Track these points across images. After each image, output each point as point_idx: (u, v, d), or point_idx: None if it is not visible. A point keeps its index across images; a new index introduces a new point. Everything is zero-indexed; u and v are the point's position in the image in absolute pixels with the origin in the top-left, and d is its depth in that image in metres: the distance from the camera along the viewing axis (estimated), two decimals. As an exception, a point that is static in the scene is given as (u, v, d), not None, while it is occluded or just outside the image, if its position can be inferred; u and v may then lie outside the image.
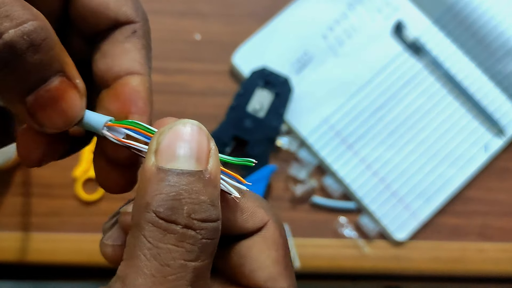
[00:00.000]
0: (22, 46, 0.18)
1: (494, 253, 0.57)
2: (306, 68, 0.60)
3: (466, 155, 0.59)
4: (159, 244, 0.18)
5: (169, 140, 0.20)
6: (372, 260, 0.56)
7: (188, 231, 0.19)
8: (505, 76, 0.61)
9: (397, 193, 0.57)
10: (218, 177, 0.20)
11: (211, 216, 0.19)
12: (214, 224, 0.19)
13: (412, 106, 0.60)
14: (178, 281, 0.18)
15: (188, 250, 0.18)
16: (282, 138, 0.58)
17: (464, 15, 0.62)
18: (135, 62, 0.23)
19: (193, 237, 0.19)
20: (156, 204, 0.19)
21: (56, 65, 0.19)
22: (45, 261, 0.54)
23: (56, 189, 0.55)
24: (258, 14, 0.62)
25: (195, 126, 0.20)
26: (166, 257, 0.18)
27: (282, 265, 0.23)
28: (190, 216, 0.19)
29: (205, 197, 0.19)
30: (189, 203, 0.19)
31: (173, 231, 0.18)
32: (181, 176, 0.19)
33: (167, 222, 0.18)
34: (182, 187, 0.19)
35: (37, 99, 0.19)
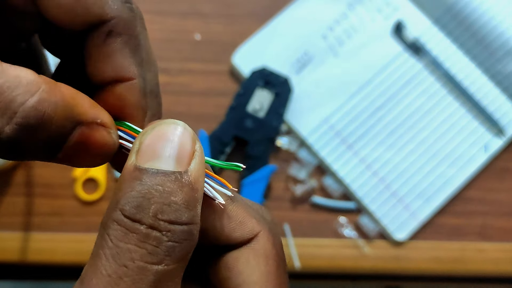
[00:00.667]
0: (37, 121, 0.18)
1: (494, 253, 0.57)
2: (306, 68, 0.60)
3: (466, 155, 0.59)
4: (120, 244, 0.17)
5: (151, 139, 0.19)
6: (372, 260, 0.56)
7: (152, 232, 0.18)
8: (505, 76, 0.61)
9: (397, 193, 0.57)
10: (200, 180, 0.19)
11: (180, 218, 0.18)
12: (185, 228, 0.18)
13: (412, 106, 0.60)
14: (134, 284, 0.17)
15: (150, 252, 0.17)
16: (282, 138, 0.58)
17: (464, 15, 0.62)
18: (118, 68, 0.21)
19: (157, 239, 0.18)
20: (123, 202, 0.18)
21: (71, 120, 0.19)
22: (45, 261, 0.54)
23: (56, 189, 0.55)
24: (258, 14, 0.62)
25: (179, 127, 0.19)
26: (125, 258, 0.17)
27: (274, 278, 0.21)
28: (157, 216, 0.18)
29: (178, 199, 0.18)
30: (157, 203, 0.18)
31: (136, 231, 0.18)
32: (155, 176, 0.18)
33: (131, 221, 0.18)
34: (155, 186, 0.18)
35: (66, 153, 0.19)
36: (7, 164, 0.54)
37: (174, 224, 0.18)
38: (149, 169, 0.18)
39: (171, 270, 0.18)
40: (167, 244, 0.18)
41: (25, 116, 0.17)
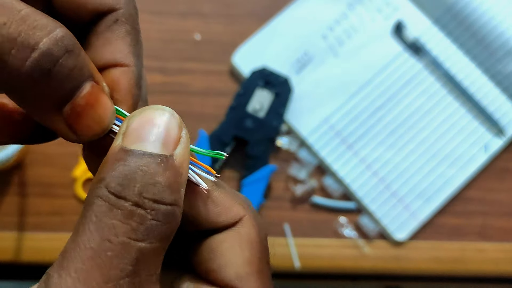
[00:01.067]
0: (59, 53, 0.18)
1: (494, 253, 0.57)
2: (306, 68, 0.60)
3: (466, 155, 0.59)
4: (104, 219, 0.18)
5: (138, 123, 0.19)
6: (372, 260, 0.56)
7: (137, 209, 0.18)
8: (505, 76, 0.61)
9: (397, 193, 0.57)
10: (184, 165, 0.20)
11: (165, 198, 0.18)
12: (168, 208, 0.18)
13: (412, 106, 0.60)
14: (117, 259, 0.17)
15: (134, 228, 0.18)
16: (282, 138, 0.58)
17: (464, 15, 0.62)
18: (117, 53, 0.22)
19: (141, 216, 0.18)
20: (108, 180, 0.18)
21: (86, 70, 0.19)
22: (45, 261, 0.54)
23: (56, 189, 0.55)
24: (258, 14, 0.62)
25: (166, 112, 0.20)
26: (109, 232, 0.17)
27: (254, 265, 0.21)
28: (142, 194, 0.18)
29: (162, 179, 0.18)
30: (143, 182, 0.18)
31: (121, 207, 0.18)
32: (141, 157, 0.18)
33: (116, 197, 0.18)
34: (140, 167, 0.18)
35: (74, 107, 0.19)
36: (7, 164, 0.54)
37: (158, 203, 0.18)
38: (135, 151, 0.19)
39: (153, 249, 0.18)
40: (151, 222, 0.18)
41: (49, 45, 0.18)
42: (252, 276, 0.21)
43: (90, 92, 0.19)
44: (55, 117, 0.19)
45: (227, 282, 0.21)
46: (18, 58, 0.18)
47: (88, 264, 0.17)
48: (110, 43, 0.22)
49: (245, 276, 0.21)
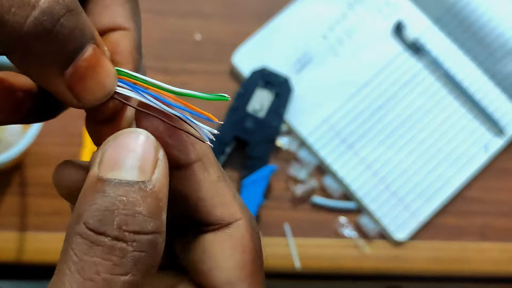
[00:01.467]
0: (60, 12, 0.18)
1: (494, 253, 0.57)
2: (306, 68, 0.60)
3: (466, 155, 0.59)
4: (84, 257, 0.17)
5: (113, 149, 0.19)
6: (372, 260, 0.56)
7: (117, 243, 0.17)
8: (505, 76, 0.61)
9: (397, 193, 0.57)
10: (164, 190, 0.19)
11: (145, 228, 0.18)
12: (150, 237, 0.18)
13: (412, 106, 0.60)
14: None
15: (115, 264, 0.17)
16: (282, 138, 0.58)
17: (464, 15, 0.62)
18: (117, 17, 0.22)
19: (122, 250, 0.17)
20: (86, 215, 0.18)
21: (87, 31, 0.19)
22: (46, 261, 0.54)
23: (56, 189, 0.55)
24: (258, 14, 0.62)
25: (141, 135, 0.19)
26: (90, 271, 0.17)
27: (246, 270, 0.21)
28: (121, 228, 0.17)
29: (142, 209, 0.18)
30: (122, 214, 0.17)
31: (101, 243, 0.17)
32: (118, 187, 0.18)
33: (96, 233, 0.17)
34: (118, 197, 0.18)
35: (76, 70, 0.19)
36: (7, 164, 0.54)
37: (140, 234, 0.18)
38: (111, 180, 0.18)
39: (137, 280, 0.18)
40: (133, 254, 0.17)
41: (50, 3, 0.17)
42: (242, 282, 0.21)
43: (92, 55, 0.19)
44: (57, 80, 0.19)
45: (216, 287, 0.21)
46: (18, 16, 0.17)
47: None
48: (109, 8, 0.22)
49: (235, 281, 0.21)
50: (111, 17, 0.22)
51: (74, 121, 0.55)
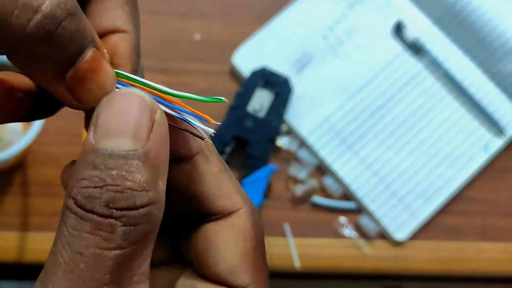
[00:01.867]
0: (61, 15, 0.18)
1: (494, 253, 0.57)
2: (306, 68, 0.60)
3: (466, 155, 0.59)
4: (74, 232, 0.17)
5: (106, 113, 0.18)
6: (372, 260, 0.56)
7: (104, 220, 0.17)
8: (505, 76, 0.61)
9: (397, 193, 0.57)
10: (161, 154, 0.19)
11: (135, 203, 0.17)
12: (141, 211, 0.17)
13: (412, 106, 0.60)
14: (92, 270, 0.17)
15: (104, 238, 0.17)
16: (282, 138, 0.58)
17: (464, 15, 0.62)
18: (116, 20, 0.22)
19: (111, 225, 0.17)
20: (75, 191, 0.18)
21: (88, 34, 0.19)
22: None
23: (58, 189, 0.55)
24: (258, 14, 0.62)
25: (135, 96, 0.19)
26: (79, 245, 0.17)
27: (248, 258, 0.21)
28: (108, 206, 0.17)
29: (132, 183, 0.17)
30: (109, 191, 0.17)
31: (89, 219, 0.17)
32: (109, 159, 0.18)
33: (84, 210, 0.17)
34: (108, 171, 0.17)
35: (77, 72, 0.19)
36: (7, 164, 0.54)
37: (129, 209, 0.17)
38: (103, 150, 0.18)
39: (130, 253, 0.17)
40: (122, 229, 0.17)
41: (52, 7, 0.18)
42: (245, 270, 0.21)
43: (93, 57, 0.19)
44: (58, 82, 0.19)
45: (220, 276, 0.21)
46: (21, 19, 0.18)
47: (63, 278, 0.17)
48: (109, 11, 0.22)
49: (238, 269, 0.21)
50: (111, 19, 0.22)
51: (74, 121, 0.56)
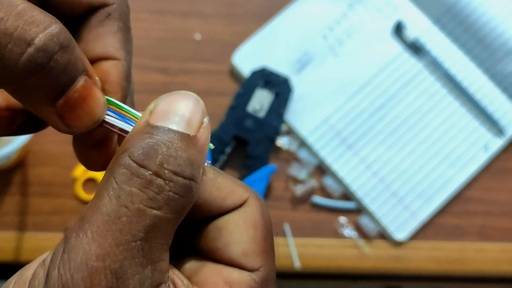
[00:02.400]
0: (54, 49, 0.19)
1: (494, 253, 0.57)
2: (306, 68, 0.60)
3: (466, 155, 0.59)
4: (123, 186, 0.18)
5: (166, 103, 0.20)
6: (372, 260, 0.56)
7: (156, 179, 0.18)
8: (505, 76, 0.61)
9: (397, 193, 0.57)
10: (205, 148, 0.20)
11: (184, 172, 0.19)
12: (186, 182, 0.19)
13: (412, 106, 0.60)
14: (130, 225, 0.18)
15: (150, 197, 0.18)
16: (282, 138, 0.58)
17: (464, 15, 0.62)
18: (109, 47, 0.23)
19: (160, 186, 0.18)
20: (132, 149, 0.19)
21: (80, 64, 0.20)
22: (45, 261, 0.54)
23: (56, 189, 0.55)
24: (258, 14, 0.62)
25: (192, 97, 0.21)
26: (126, 199, 0.18)
27: (260, 244, 0.22)
28: (163, 165, 0.19)
29: (184, 154, 0.19)
30: (165, 154, 0.19)
31: (141, 176, 0.18)
32: (166, 133, 0.19)
33: (138, 165, 0.19)
34: (164, 140, 0.19)
35: (67, 101, 0.20)
36: (7, 164, 0.54)
37: (178, 175, 0.19)
38: (160, 127, 0.19)
39: (167, 219, 0.19)
40: (168, 194, 0.19)
41: (45, 40, 0.18)
42: (257, 254, 0.21)
43: (84, 86, 0.20)
44: (48, 109, 0.20)
45: (233, 259, 0.21)
46: (14, 53, 0.18)
47: (103, 227, 0.18)
48: (102, 37, 0.23)
49: (251, 253, 0.21)
50: (103, 46, 0.23)
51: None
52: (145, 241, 0.18)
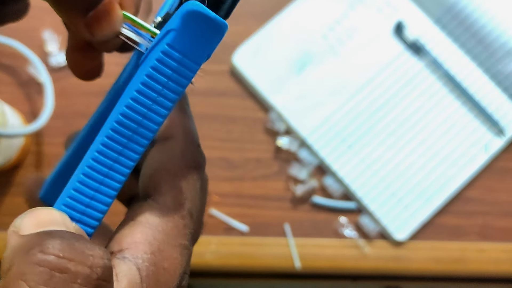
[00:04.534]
0: None
1: (494, 253, 0.58)
2: (306, 68, 0.60)
3: (466, 155, 0.59)
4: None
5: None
6: (372, 260, 0.56)
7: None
8: (505, 76, 0.61)
9: (397, 193, 0.57)
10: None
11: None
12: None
13: (412, 106, 0.60)
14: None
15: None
16: (282, 138, 0.58)
17: (465, 15, 0.62)
18: None
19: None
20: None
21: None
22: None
23: (56, 189, 0.55)
24: (258, 14, 0.62)
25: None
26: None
27: (171, 170, 0.23)
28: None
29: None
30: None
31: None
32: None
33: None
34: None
35: (95, 13, 0.23)
36: (7, 164, 0.54)
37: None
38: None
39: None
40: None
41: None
42: (163, 180, 0.23)
43: (108, 2, 0.24)
44: (79, 19, 0.24)
45: (144, 186, 0.23)
46: None
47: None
48: None
49: (157, 180, 0.23)
50: None
51: (74, 122, 0.55)
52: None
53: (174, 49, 0.20)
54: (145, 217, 0.21)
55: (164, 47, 0.20)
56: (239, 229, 0.56)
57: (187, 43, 0.20)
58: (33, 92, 0.58)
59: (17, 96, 0.58)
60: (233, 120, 0.59)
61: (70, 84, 0.58)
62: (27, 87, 0.58)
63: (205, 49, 0.20)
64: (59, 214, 0.20)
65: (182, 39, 0.20)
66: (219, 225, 0.56)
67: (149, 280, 0.19)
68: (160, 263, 0.19)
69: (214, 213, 0.56)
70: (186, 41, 0.20)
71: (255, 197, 0.57)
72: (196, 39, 0.20)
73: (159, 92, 0.20)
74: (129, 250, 0.19)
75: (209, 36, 0.20)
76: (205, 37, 0.20)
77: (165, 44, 0.20)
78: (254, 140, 0.59)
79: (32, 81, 0.58)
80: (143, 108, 0.20)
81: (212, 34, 0.20)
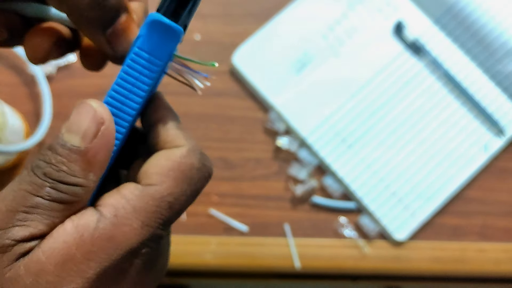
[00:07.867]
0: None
1: (494, 253, 0.57)
2: (306, 68, 0.60)
3: (466, 155, 0.59)
4: (18, 178, 0.25)
5: (74, 115, 0.24)
6: (372, 260, 0.56)
7: (39, 180, 0.24)
8: (505, 76, 0.61)
9: (397, 193, 0.57)
10: (98, 155, 0.24)
11: (63, 180, 0.23)
12: (67, 186, 0.23)
13: (412, 106, 0.60)
14: (14, 201, 0.24)
15: (33, 189, 0.24)
16: (282, 138, 0.58)
17: (465, 15, 0.62)
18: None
19: (42, 184, 0.23)
20: (33, 161, 0.24)
21: (123, 4, 0.26)
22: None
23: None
24: (258, 14, 0.62)
25: (91, 107, 0.24)
26: (17, 186, 0.25)
27: (167, 173, 0.25)
28: (45, 175, 0.23)
29: (67, 168, 0.23)
30: (51, 167, 0.24)
31: (31, 177, 0.24)
32: (61, 147, 0.24)
33: (32, 172, 0.24)
34: (55, 155, 0.24)
35: (114, 30, 0.27)
36: (7, 164, 0.54)
37: (58, 183, 0.23)
38: (60, 139, 0.24)
39: (48, 202, 0.23)
40: (47, 190, 0.23)
41: None
42: (158, 175, 0.25)
43: (126, 20, 0.27)
44: (100, 36, 0.27)
45: (136, 177, 0.26)
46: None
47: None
48: None
49: (150, 173, 0.25)
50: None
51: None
52: (24, 213, 0.24)
53: (142, 50, 0.26)
54: (127, 189, 0.25)
55: (135, 49, 0.26)
56: (239, 229, 0.56)
57: (152, 45, 0.26)
58: (33, 92, 0.58)
59: (17, 96, 0.58)
60: (232, 120, 0.59)
61: (70, 84, 0.58)
62: (27, 87, 0.58)
63: (167, 49, 0.27)
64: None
65: (148, 42, 0.26)
66: (219, 225, 0.56)
67: (102, 231, 0.23)
68: (119, 226, 0.24)
69: (214, 213, 0.56)
70: (151, 43, 0.26)
71: (255, 197, 0.57)
72: (158, 42, 0.26)
73: (140, 72, 0.27)
74: (102, 207, 0.24)
75: (168, 39, 0.27)
76: (165, 39, 0.26)
77: (136, 47, 0.26)
78: (253, 140, 0.59)
79: (32, 81, 0.58)
80: (132, 78, 0.27)
81: (170, 37, 0.27)
